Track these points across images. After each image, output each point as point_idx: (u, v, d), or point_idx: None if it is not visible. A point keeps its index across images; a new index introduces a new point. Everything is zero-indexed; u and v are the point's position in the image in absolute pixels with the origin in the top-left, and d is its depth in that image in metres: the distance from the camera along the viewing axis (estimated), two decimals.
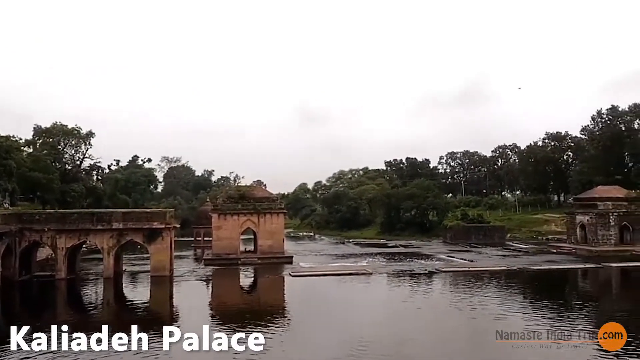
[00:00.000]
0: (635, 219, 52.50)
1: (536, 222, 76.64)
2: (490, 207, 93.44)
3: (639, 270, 40.95)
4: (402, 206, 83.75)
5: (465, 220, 73.17)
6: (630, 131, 76.37)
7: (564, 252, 51.92)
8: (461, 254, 51.72)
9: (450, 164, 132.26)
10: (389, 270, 40.23)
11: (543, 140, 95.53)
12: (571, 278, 39.26)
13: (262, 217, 48.16)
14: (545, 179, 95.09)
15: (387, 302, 29.19)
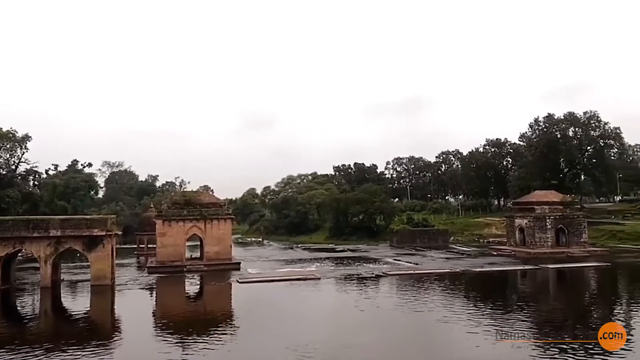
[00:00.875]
0: (569, 222, 55.24)
1: (478, 226, 79.26)
2: (434, 211, 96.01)
3: (573, 271, 42.91)
4: (351, 211, 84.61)
5: (411, 224, 74.73)
6: (565, 138, 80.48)
7: (504, 255, 53.89)
8: (407, 257, 52.68)
9: (397, 169, 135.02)
10: (337, 275, 40.42)
11: (484, 146, 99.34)
12: (511, 279, 40.74)
13: (209, 223, 47.24)
14: (486, 184, 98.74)
15: (335, 306, 29.25)
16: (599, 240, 58.93)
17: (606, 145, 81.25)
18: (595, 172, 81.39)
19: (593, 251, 52.45)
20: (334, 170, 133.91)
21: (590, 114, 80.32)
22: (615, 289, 36.17)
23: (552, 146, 79.57)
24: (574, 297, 33.13)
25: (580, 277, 41.01)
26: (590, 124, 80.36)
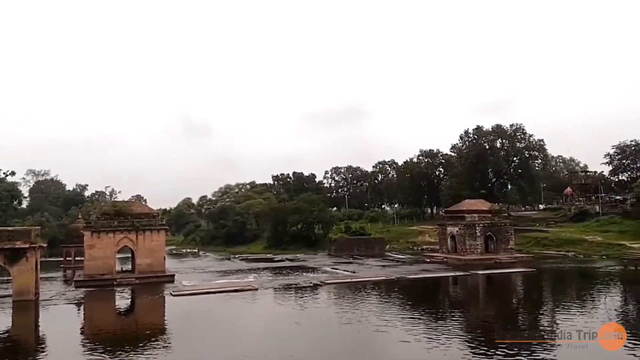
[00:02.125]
0: (497, 230, 57.85)
1: (412, 234, 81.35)
2: (371, 220, 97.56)
3: (502, 277, 44.87)
4: (289, 220, 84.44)
5: (348, 232, 75.56)
6: (493, 149, 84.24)
7: (436, 261, 55.60)
8: (345, 266, 53.20)
9: (335, 179, 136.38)
10: (275, 285, 40.17)
11: (418, 156, 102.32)
12: (443, 286, 42.05)
13: (141, 235, 45.61)
14: (419, 193, 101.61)
15: (273, 317, 28.99)
16: (525, 247, 61.99)
17: (531, 156, 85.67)
18: (521, 182, 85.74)
19: (519, 257, 55.13)
20: (273, 180, 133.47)
21: (516, 127, 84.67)
22: (540, 293, 38.21)
23: (481, 157, 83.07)
24: (503, 302, 34.60)
25: (508, 283, 42.94)
26: (517, 136, 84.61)
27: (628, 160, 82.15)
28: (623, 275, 42.61)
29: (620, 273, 43.40)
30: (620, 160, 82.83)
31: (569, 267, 48.62)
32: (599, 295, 34.21)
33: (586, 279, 42.40)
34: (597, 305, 30.30)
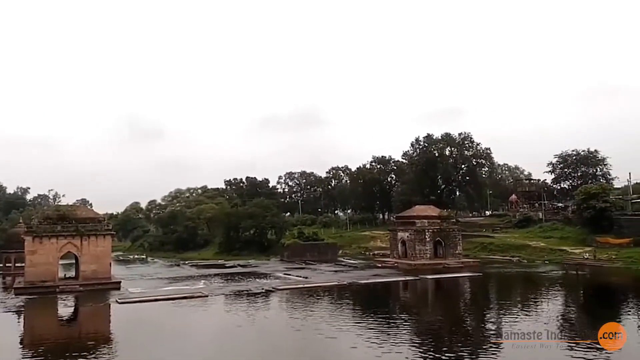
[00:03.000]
0: (446, 235, 59.28)
1: (364, 239, 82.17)
2: (324, 225, 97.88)
3: (450, 281, 45.99)
4: (242, 225, 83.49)
5: (301, 238, 75.49)
6: (442, 157, 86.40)
7: (387, 266, 56.37)
8: (297, 272, 53.08)
9: (289, 184, 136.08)
10: (226, 292, 39.60)
11: (370, 163, 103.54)
12: (393, 290, 42.69)
13: (86, 240, 43.96)
14: (372, 199, 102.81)
15: (223, 325, 28.54)
16: (472, 252, 63.77)
17: (478, 164, 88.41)
18: (468, 189, 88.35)
19: (467, 262, 56.66)
20: (225, 184, 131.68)
21: (465, 135, 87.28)
22: (486, 296, 39.41)
23: (431, 164, 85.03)
24: (451, 306, 35.44)
25: (456, 287, 44.07)
26: (465, 144, 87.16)
27: (569, 169, 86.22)
28: (564, 279, 44.53)
29: (561, 277, 45.32)
30: (562, 169, 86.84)
31: (514, 272, 50.35)
32: (541, 299, 35.66)
33: (530, 283, 44.02)
34: (540, 308, 31.55)
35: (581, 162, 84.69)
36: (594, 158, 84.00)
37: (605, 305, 33.59)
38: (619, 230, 58.58)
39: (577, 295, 38.70)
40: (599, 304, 34.64)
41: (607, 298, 36.72)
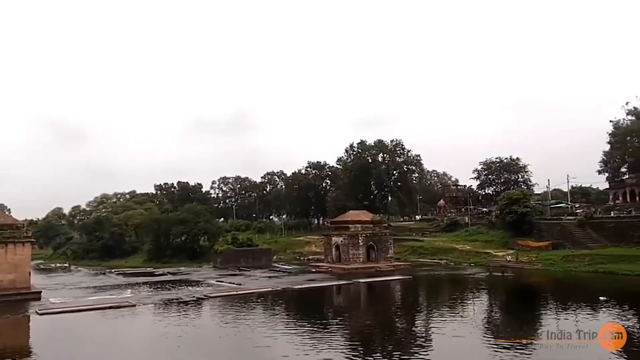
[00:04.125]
0: (378, 239, 60.45)
1: (299, 244, 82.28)
2: (259, 231, 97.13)
3: (382, 285, 46.87)
4: (172, 232, 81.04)
5: (235, 244, 74.44)
6: (375, 163, 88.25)
7: (321, 271, 56.69)
8: (230, 278, 52.21)
9: (223, 189, 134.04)
10: (155, 300, 38.18)
11: (306, 168, 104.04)
12: (327, 294, 42.96)
13: (3, 248, 41.05)
14: (307, 204, 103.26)
15: (151, 334, 27.46)
16: (403, 255, 65.40)
17: (409, 170, 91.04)
18: (400, 194, 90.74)
19: (398, 265, 58.02)
20: (155, 189, 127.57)
21: (396, 142, 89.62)
22: (416, 298, 40.53)
23: (364, 170, 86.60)
24: (383, 309, 36.09)
25: (388, 290, 44.98)
26: (396, 151, 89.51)
27: (493, 176, 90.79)
28: (489, 281, 46.63)
29: (486, 279, 47.43)
30: (487, 176, 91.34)
31: (442, 274, 52.15)
32: (469, 300, 37.18)
33: (458, 285, 45.73)
34: (466, 310, 32.87)
35: (504, 169, 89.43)
36: (515, 165, 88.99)
37: (528, 305, 35.55)
38: (539, 233, 62.23)
39: (501, 296, 40.63)
40: (522, 304, 36.60)
41: (529, 298, 38.87)
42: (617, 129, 67.60)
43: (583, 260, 49.38)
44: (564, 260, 51.08)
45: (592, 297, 33.13)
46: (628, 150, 65.86)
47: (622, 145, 66.27)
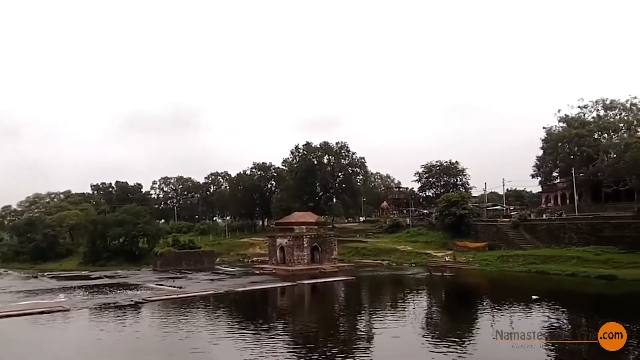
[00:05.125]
0: (323, 241, 60.82)
1: (243, 246, 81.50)
2: (202, 233, 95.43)
3: (325, 286, 47.12)
4: (110, 233, 78.21)
5: (176, 246, 72.71)
6: (320, 165, 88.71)
7: (265, 273, 56.36)
8: (171, 281, 50.86)
9: (164, 189, 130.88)
10: (91, 305, 36.64)
11: (251, 169, 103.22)
12: (271, 296, 42.70)
13: None
14: (252, 205, 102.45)
15: (86, 340, 26.26)
16: (347, 257, 66.10)
17: (354, 172, 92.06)
18: (344, 196, 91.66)
19: (342, 266, 58.57)
20: (92, 189, 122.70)
21: (342, 144, 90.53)
22: (359, 299, 41.02)
23: (309, 171, 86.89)
24: (326, 310, 36.32)
25: (331, 291, 45.29)
26: (341, 153, 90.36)
27: (433, 179, 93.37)
28: (428, 281, 47.88)
29: (426, 279, 48.68)
30: (427, 178, 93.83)
31: (384, 275, 53.07)
32: (409, 300, 38.03)
33: (398, 285, 46.70)
34: (407, 310, 33.60)
35: (444, 172, 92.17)
36: (454, 169, 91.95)
37: (465, 304, 36.79)
38: (476, 235, 64.56)
39: (440, 296, 41.82)
40: (460, 304, 37.81)
41: (467, 298, 40.21)
42: (549, 135, 71.03)
43: (517, 261, 51.61)
44: (499, 260, 53.18)
45: (526, 296, 34.63)
46: (559, 155, 69.38)
47: (554, 151, 69.74)
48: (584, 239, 51.95)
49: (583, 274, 42.92)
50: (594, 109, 68.63)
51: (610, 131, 67.05)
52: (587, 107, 68.90)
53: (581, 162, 65.69)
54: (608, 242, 49.09)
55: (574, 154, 67.34)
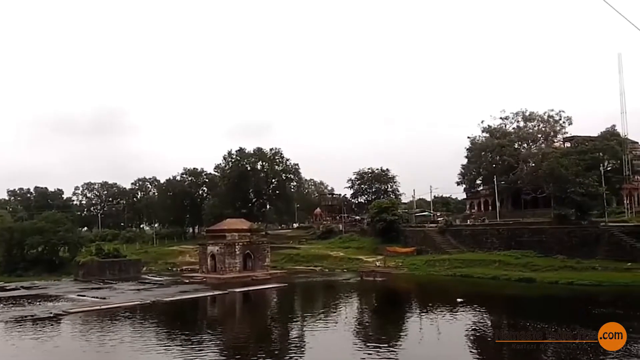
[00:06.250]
0: (255, 248, 60.22)
1: (172, 254, 79.09)
2: (127, 241, 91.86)
3: (257, 293, 46.60)
4: (27, 242, 73.29)
5: (100, 255, 69.26)
6: (254, 171, 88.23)
7: (195, 282, 54.90)
8: (94, 292, 48.42)
9: (87, 196, 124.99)
10: (6, 318, 34.10)
11: (181, 175, 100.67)
12: (201, 306, 41.68)
13: None
14: (182, 212, 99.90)
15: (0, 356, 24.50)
16: (280, 263, 65.75)
17: (287, 179, 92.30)
18: (278, 203, 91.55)
19: (274, 274, 58.19)
20: (9, 195, 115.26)
21: (275, 150, 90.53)
22: (291, 306, 40.96)
23: (242, 177, 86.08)
24: (257, 318, 35.93)
25: (263, 299, 44.90)
26: (275, 159, 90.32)
27: (365, 185, 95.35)
28: (359, 286, 48.62)
29: (357, 284, 49.40)
30: (360, 185, 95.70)
31: (317, 281, 53.34)
32: (340, 305, 38.43)
33: (330, 291, 47.08)
34: (338, 315, 33.92)
35: (375, 179, 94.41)
36: (385, 176, 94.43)
37: (395, 308, 37.71)
38: (405, 240, 66.48)
39: (371, 300, 42.58)
40: (390, 308, 38.71)
41: (396, 302, 41.27)
42: (473, 144, 74.64)
43: (443, 265, 53.59)
44: (426, 265, 54.98)
45: (451, 298, 35.99)
46: (482, 164, 73.07)
47: (478, 160, 73.36)
48: (505, 244, 54.83)
49: (504, 277, 45.27)
50: (515, 120, 72.82)
51: (529, 141, 71.44)
52: (508, 118, 73.04)
53: (503, 170, 69.48)
54: (527, 246, 52.14)
55: (496, 163, 71.14)
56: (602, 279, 39.94)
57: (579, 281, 40.01)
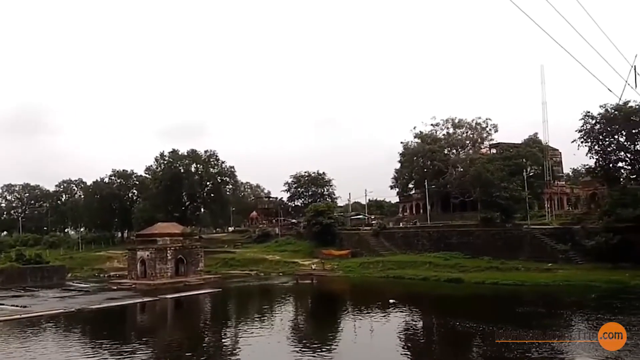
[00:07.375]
0: (188, 253, 58.70)
1: (99, 260, 75.70)
2: (51, 246, 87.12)
3: (190, 299, 45.42)
4: None
5: (20, 261, 65.14)
6: (188, 173, 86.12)
7: (124, 288, 52.74)
8: (13, 300, 45.33)
9: (7, 198, 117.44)
10: None
11: (110, 177, 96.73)
12: (130, 313, 40.10)
13: None
14: (110, 216, 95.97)
15: None
16: (214, 268, 64.51)
17: (223, 181, 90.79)
18: (213, 206, 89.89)
19: (208, 278, 56.96)
20: None
21: (210, 153, 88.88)
22: (225, 311, 40.32)
23: (176, 180, 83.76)
24: (189, 324, 35.03)
25: (196, 305, 43.87)
26: (210, 162, 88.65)
27: (302, 189, 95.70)
28: (295, 289, 48.67)
29: (292, 288, 49.40)
30: (296, 188, 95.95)
31: (252, 285, 52.84)
32: (276, 309, 38.26)
33: (265, 295, 46.83)
34: (273, 319, 33.76)
35: (312, 182, 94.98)
36: (322, 179, 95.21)
37: (330, 310, 38.03)
38: (340, 243, 67.31)
39: (306, 303, 42.73)
40: (325, 310, 39.01)
41: (331, 304, 41.65)
42: (406, 149, 76.84)
43: (377, 267, 54.72)
44: (360, 267, 55.92)
45: (384, 300, 36.78)
46: (414, 168, 75.40)
47: (410, 164, 75.61)
48: (435, 246, 56.80)
49: (434, 278, 46.86)
50: (445, 126, 75.73)
51: (458, 147, 74.49)
52: (438, 124, 75.87)
53: (433, 175, 72.05)
54: (456, 248, 54.32)
55: (427, 168, 73.67)
56: (524, 279, 42.20)
57: (503, 281, 42.07)
